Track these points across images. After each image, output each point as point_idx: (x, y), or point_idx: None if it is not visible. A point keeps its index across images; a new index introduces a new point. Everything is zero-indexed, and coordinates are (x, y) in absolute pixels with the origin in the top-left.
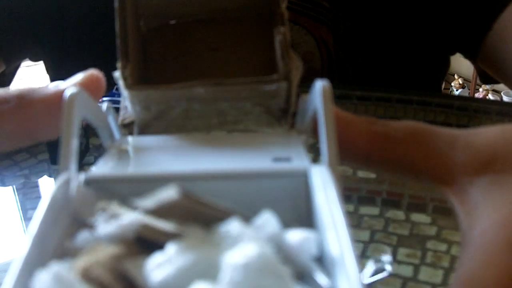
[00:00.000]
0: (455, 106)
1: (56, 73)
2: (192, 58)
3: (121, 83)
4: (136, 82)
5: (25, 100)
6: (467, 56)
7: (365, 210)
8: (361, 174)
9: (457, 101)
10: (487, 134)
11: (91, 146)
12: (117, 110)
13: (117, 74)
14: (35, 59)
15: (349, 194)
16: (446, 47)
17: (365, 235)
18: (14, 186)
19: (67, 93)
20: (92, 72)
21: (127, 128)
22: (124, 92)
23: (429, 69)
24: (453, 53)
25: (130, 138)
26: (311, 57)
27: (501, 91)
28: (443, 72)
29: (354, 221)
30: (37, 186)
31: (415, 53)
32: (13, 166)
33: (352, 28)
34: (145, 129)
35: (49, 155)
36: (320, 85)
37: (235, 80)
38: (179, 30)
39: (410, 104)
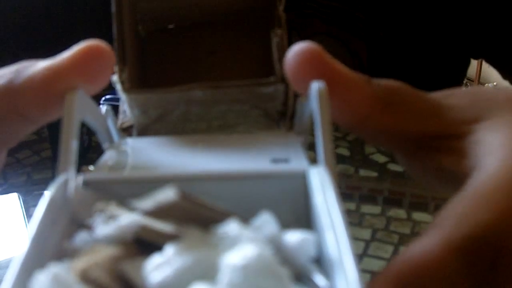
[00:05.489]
0: None
1: None
2: (190, 61)
3: (118, 87)
4: (134, 85)
5: (18, 76)
6: (496, 66)
7: (366, 208)
8: (362, 172)
9: None
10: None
11: (93, 144)
12: (117, 110)
13: (114, 78)
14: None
15: (351, 192)
16: (474, 52)
17: (366, 233)
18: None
19: (67, 94)
20: (91, 42)
21: (126, 132)
22: (122, 95)
23: (453, 72)
24: (478, 57)
25: (129, 139)
26: None
27: None
28: (464, 74)
29: (356, 220)
30: (39, 183)
31: (442, 59)
32: (16, 164)
33: (385, 39)
34: (143, 133)
35: (52, 152)
36: (316, 87)
37: (232, 83)
38: (177, 34)
39: None
